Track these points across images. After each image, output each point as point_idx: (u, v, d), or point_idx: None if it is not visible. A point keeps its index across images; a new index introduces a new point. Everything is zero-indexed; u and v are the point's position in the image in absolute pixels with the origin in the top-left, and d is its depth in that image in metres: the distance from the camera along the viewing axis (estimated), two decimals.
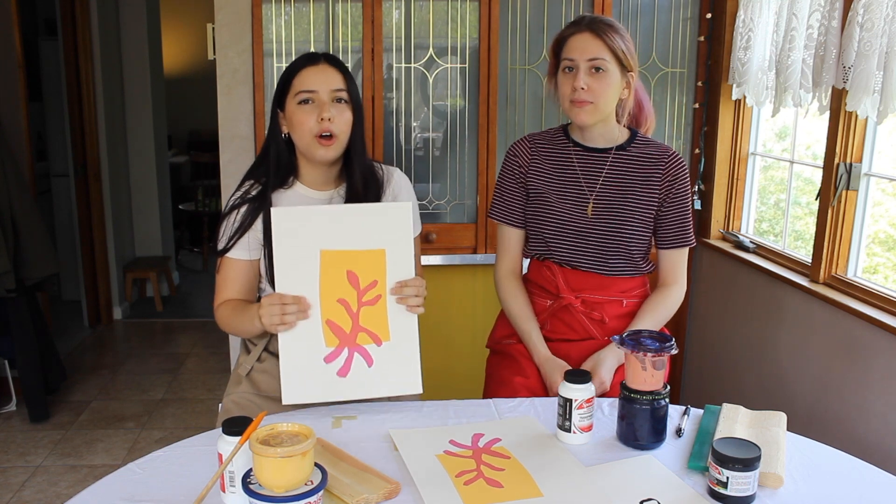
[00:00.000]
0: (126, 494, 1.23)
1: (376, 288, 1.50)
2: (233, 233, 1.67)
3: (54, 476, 2.87)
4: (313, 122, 1.61)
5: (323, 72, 1.63)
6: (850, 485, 1.31)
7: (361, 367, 1.50)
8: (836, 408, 2.22)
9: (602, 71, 1.70)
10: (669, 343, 1.39)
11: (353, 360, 1.49)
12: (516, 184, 1.87)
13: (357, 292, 1.49)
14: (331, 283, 1.48)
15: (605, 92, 1.71)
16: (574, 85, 1.70)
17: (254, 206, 1.67)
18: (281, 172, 1.69)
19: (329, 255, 1.48)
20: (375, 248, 1.50)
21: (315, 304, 1.48)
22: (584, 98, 1.70)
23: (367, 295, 1.50)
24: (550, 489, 1.25)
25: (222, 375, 3.86)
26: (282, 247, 1.48)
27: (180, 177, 6.64)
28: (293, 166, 1.71)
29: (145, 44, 4.90)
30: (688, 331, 3.12)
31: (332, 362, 1.49)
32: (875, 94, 1.98)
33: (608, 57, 1.70)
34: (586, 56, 1.70)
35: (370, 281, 1.50)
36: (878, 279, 2.28)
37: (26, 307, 3.20)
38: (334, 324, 1.48)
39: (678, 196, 1.79)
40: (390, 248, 1.51)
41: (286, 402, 1.48)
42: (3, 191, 3.06)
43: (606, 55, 1.70)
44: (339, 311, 1.49)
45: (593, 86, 1.70)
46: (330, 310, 1.48)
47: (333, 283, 1.48)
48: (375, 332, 1.50)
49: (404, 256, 1.51)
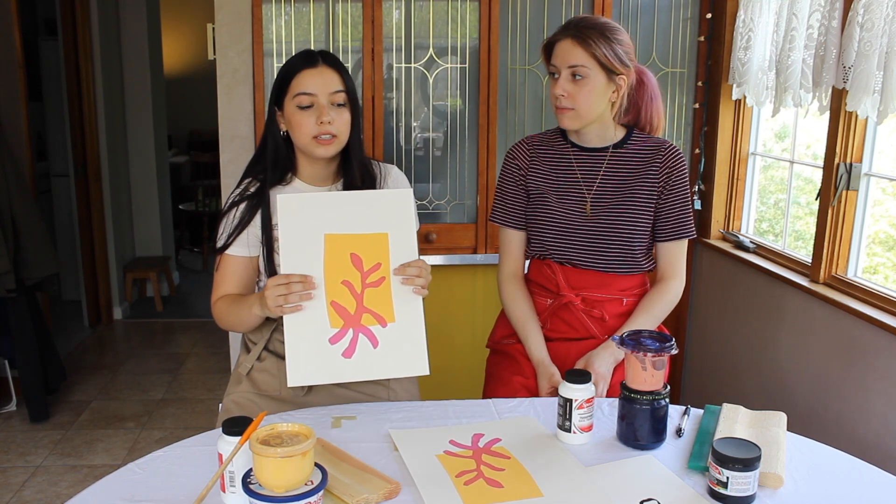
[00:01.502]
0: (126, 494, 1.23)
1: (380, 270, 1.50)
2: (232, 230, 1.67)
3: (54, 476, 2.87)
4: (312, 124, 1.62)
5: (321, 74, 1.63)
6: (850, 485, 1.31)
7: (367, 348, 1.49)
8: (836, 408, 2.22)
9: (582, 78, 1.70)
10: (669, 343, 1.39)
11: (359, 341, 1.49)
12: (516, 186, 1.87)
13: (361, 274, 1.49)
14: (335, 265, 1.49)
15: (586, 99, 1.71)
16: (554, 92, 1.72)
17: (252, 202, 1.68)
18: (279, 169, 1.70)
19: (333, 239, 1.49)
20: (378, 232, 1.51)
21: (320, 286, 1.48)
22: (564, 105, 1.72)
23: (371, 277, 1.50)
24: (550, 489, 1.25)
25: (222, 375, 3.87)
26: (287, 231, 1.49)
27: (180, 177, 6.64)
28: (291, 163, 1.72)
29: (145, 44, 4.91)
30: (688, 331, 3.13)
31: (337, 343, 1.48)
32: (875, 94, 1.98)
33: (589, 64, 1.69)
34: (566, 63, 1.70)
35: (374, 263, 1.50)
36: (878, 279, 2.28)
37: (26, 307, 3.20)
38: (339, 305, 1.48)
39: (676, 187, 1.79)
40: (393, 231, 1.52)
41: (291, 384, 1.48)
42: (3, 191, 3.06)
43: (588, 62, 1.69)
44: (343, 292, 1.48)
45: (573, 92, 1.71)
46: (334, 291, 1.48)
47: (337, 266, 1.49)
48: (380, 313, 1.50)
49: (407, 240, 1.53)
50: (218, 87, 2.79)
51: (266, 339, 1.75)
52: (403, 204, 1.54)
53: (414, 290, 1.52)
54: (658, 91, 1.85)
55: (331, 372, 1.49)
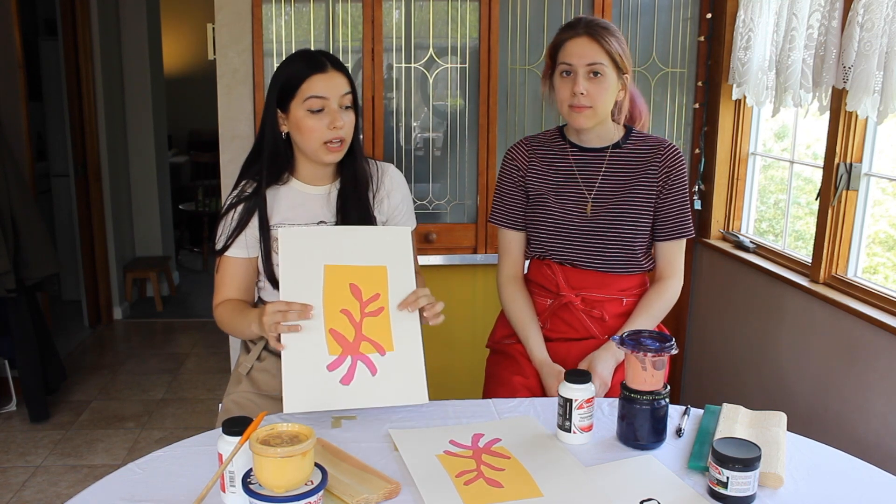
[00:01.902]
0: (126, 494, 1.23)
1: (379, 300, 1.51)
2: (230, 232, 1.67)
3: (54, 476, 2.87)
4: (324, 129, 1.62)
5: (332, 79, 1.64)
6: (850, 485, 1.31)
7: (365, 375, 1.48)
8: (836, 408, 2.22)
9: (600, 75, 1.71)
10: (669, 343, 1.39)
11: (357, 369, 1.48)
12: (515, 187, 1.88)
13: (360, 303, 1.50)
14: (334, 294, 1.49)
15: (603, 96, 1.72)
16: (573, 90, 1.71)
17: (249, 204, 1.68)
18: (276, 169, 1.70)
19: (332, 269, 1.51)
20: (378, 265, 1.53)
21: (318, 314, 1.48)
22: (583, 103, 1.72)
23: (370, 306, 1.50)
24: (550, 489, 1.25)
25: (222, 375, 3.86)
26: (287, 262, 1.50)
27: (180, 177, 6.64)
28: (289, 162, 1.72)
29: (145, 44, 4.90)
30: (688, 331, 3.12)
31: (336, 370, 1.47)
32: (875, 94, 1.98)
33: (606, 61, 1.70)
34: (585, 61, 1.70)
35: (373, 293, 1.51)
36: (878, 279, 2.28)
37: (26, 307, 3.20)
38: (337, 332, 1.48)
39: (675, 186, 1.79)
40: (391, 265, 1.54)
41: (288, 411, 1.47)
42: (3, 191, 3.06)
43: (604, 59, 1.70)
44: (342, 320, 1.49)
45: (592, 90, 1.71)
46: (333, 319, 1.48)
47: (336, 295, 1.49)
48: (379, 342, 1.50)
49: (406, 274, 1.54)
50: (218, 87, 2.79)
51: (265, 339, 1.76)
52: (402, 240, 1.57)
53: (430, 321, 1.53)
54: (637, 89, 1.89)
55: (328, 398, 1.47)
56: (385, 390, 1.49)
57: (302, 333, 1.46)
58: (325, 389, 1.47)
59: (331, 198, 1.73)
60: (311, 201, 1.73)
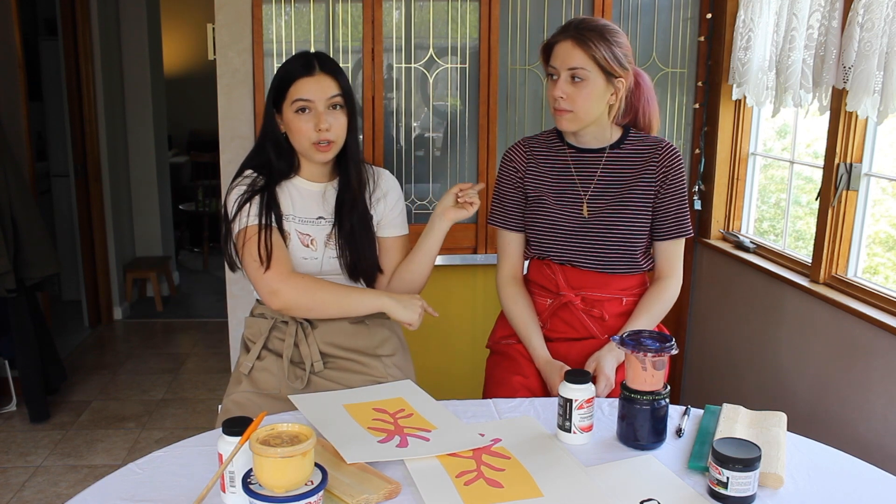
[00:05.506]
0: (126, 494, 1.23)
1: (406, 410, 1.54)
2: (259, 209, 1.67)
3: (54, 476, 2.87)
4: (311, 130, 1.67)
5: (319, 82, 1.67)
6: (850, 485, 1.31)
7: (419, 442, 1.42)
8: (836, 408, 2.22)
9: (581, 80, 1.70)
10: (669, 343, 1.39)
11: (409, 440, 1.42)
12: (514, 188, 1.88)
13: (389, 415, 1.52)
14: (362, 418, 1.50)
15: (585, 101, 1.71)
16: (552, 94, 1.72)
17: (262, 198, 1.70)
18: (281, 166, 1.74)
19: (353, 406, 1.56)
20: (392, 398, 1.60)
21: (351, 422, 1.48)
22: (563, 107, 1.72)
23: (400, 415, 1.52)
24: (550, 489, 1.25)
25: (222, 375, 3.86)
26: (307, 413, 1.51)
27: (180, 177, 6.64)
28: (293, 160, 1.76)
29: (145, 44, 4.90)
30: (688, 331, 3.12)
31: (388, 443, 1.41)
32: (875, 94, 1.97)
33: (589, 66, 1.69)
34: (566, 65, 1.70)
35: (399, 408, 1.55)
36: (878, 279, 2.28)
37: (26, 307, 3.20)
38: (376, 428, 1.46)
39: (673, 186, 1.79)
40: (407, 395, 1.62)
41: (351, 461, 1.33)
42: (3, 191, 3.06)
43: (587, 64, 1.69)
44: (377, 423, 1.48)
45: (572, 95, 1.70)
46: (368, 423, 1.49)
47: (365, 417, 1.51)
48: (420, 427, 1.47)
49: (423, 400, 1.60)
50: (218, 88, 2.79)
51: (265, 337, 1.76)
52: (410, 391, 1.64)
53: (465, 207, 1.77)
54: (653, 93, 1.86)
55: (389, 453, 1.38)
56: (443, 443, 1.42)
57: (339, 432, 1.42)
58: (384, 451, 1.38)
59: (327, 195, 1.77)
60: (309, 197, 1.77)
